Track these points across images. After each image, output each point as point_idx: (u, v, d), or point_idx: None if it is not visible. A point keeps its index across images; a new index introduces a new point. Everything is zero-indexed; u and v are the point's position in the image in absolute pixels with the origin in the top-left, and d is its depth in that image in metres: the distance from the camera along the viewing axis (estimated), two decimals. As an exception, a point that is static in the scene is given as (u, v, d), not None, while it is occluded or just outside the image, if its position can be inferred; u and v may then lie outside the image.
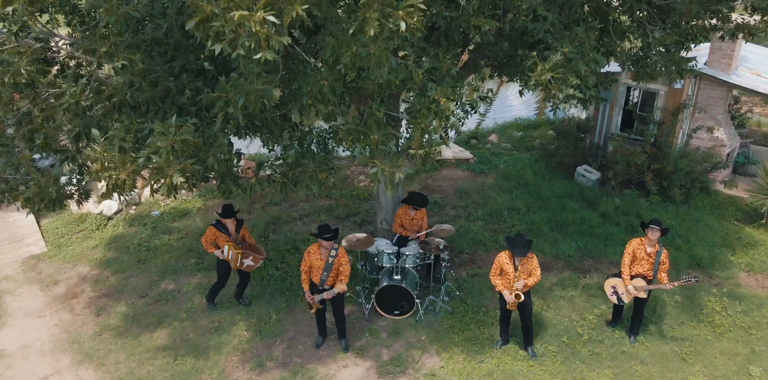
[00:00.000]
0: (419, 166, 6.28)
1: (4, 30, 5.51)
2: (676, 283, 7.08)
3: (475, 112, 6.32)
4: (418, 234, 8.55)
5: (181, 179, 5.10)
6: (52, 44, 5.86)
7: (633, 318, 7.65)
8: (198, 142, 5.52)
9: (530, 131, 14.66)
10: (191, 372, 7.24)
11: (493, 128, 14.57)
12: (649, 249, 7.20)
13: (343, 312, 7.46)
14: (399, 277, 7.91)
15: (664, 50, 7.50)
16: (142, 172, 5.51)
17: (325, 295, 7.04)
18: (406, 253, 8.11)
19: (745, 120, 13.50)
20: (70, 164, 6.84)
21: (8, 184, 7.24)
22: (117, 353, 7.60)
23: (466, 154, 12.95)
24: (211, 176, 6.05)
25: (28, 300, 8.68)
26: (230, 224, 7.90)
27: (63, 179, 6.92)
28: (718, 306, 8.18)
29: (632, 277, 7.31)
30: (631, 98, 12.17)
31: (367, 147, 6.11)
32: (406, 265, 8.06)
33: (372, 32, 4.44)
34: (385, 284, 7.84)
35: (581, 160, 12.25)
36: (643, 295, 7.30)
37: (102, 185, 6.42)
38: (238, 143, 7.32)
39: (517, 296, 6.91)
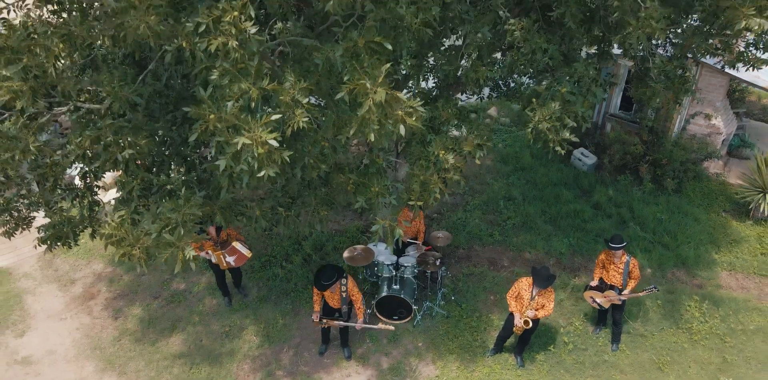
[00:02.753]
0: (417, 215, 6.57)
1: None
2: (641, 293, 7.67)
3: (475, 158, 6.48)
4: (416, 241, 8.95)
5: (193, 253, 5.40)
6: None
7: (613, 325, 8.22)
8: (208, 210, 5.79)
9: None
10: (206, 382, 7.90)
11: (493, 99, 14.49)
12: (616, 260, 7.65)
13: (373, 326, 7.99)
14: (398, 287, 8.38)
15: (663, 76, 7.51)
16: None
17: (357, 326, 7.71)
18: (405, 265, 8.52)
19: (745, 93, 13.45)
20: (80, 202, 7.11)
21: (20, 213, 7.55)
22: (137, 360, 8.20)
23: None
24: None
25: (48, 301, 9.21)
26: (211, 228, 8.17)
27: (74, 211, 7.20)
28: (697, 311, 8.71)
29: (607, 287, 7.82)
30: (631, 78, 12.10)
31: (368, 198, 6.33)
32: (405, 275, 8.50)
33: (372, 137, 4.58)
34: (384, 294, 8.31)
35: (579, 140, 12.36)
36: (617, 302, 7.85)
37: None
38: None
39: (526, 322, 7.38)
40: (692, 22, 7.06)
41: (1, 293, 9.35)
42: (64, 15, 5.26)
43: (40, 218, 7.54)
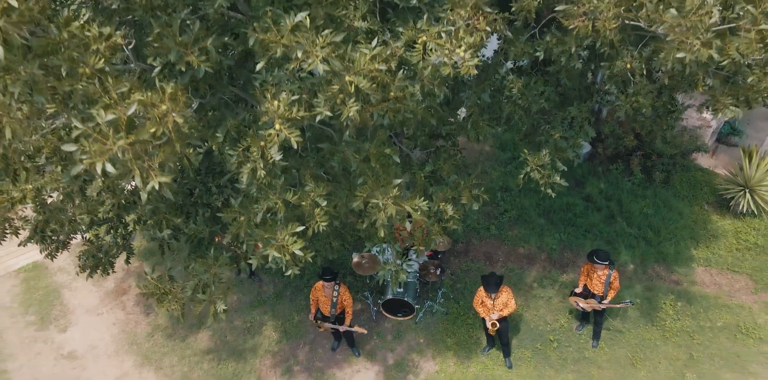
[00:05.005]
0: (420, 255, 7.30)
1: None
2: (618, 305, 8.59)
3: (471, 208, 7.13)
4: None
5: (224, 306, 6.23)
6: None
7: (594, 324, 9.20)
8: (235, 267, 6.55)
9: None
10: (233, 377, 8.96)
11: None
12: (599, 272, 8.48)
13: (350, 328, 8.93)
14: (401, 290, 9.27)
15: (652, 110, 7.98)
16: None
17: (341, 329, 8.51)
18: (408, 271, 9.36)
19: (741, 74, 13.70)
20: (114, 232, 7.84)
21: (59, 237, 8.32)
22: (170, 356, 9.25)
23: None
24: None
25: (84, 296, 10.15)
26: None
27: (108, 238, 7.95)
28: (671, 309, 9.65)
29: (590, 295, 8.71)
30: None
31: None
32: (408, 280, 9.37)
33: (381, 234, 5.25)
34: (389, 297, 9.22)
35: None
36: (599, 308, 8.78)
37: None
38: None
39: (494, 324, 8.33)
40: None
41: (41, 288, 10.28)
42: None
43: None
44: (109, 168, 3.37)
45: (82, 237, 8.10)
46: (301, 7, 4.41)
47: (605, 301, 8.58)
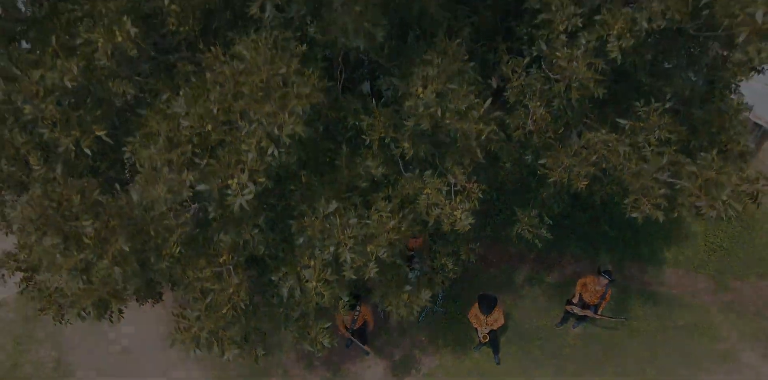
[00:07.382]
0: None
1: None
2: (612, 319, 10.09)
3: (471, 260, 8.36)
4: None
5: (263, 352, 7.65)
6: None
7: (581, 317, 10.66)
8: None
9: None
10: (263, 371, 10.59)
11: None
12: (598, 288, 9.84)
13: (366, 334, 10.40)
14: (406, 295, 10.70)
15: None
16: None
17: (354, 339, 9.99)
18: (412, 279, 10.73)
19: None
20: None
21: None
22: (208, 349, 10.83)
23: (468, 108, 14.21)
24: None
25: (128, 293, 11.58)
26: None
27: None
28: (640, 310, 11.10)
29: (585, 306, 10.12)
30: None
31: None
32: (412, 280, 10.76)
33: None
34: (396, 301, 10.67)
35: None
36: (594, 317, 10.23)
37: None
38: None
39: (485, 337, 9.80)
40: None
41: (90, 285, 11.70)
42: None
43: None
44: (198, 353, 4.61)
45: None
46: (328, 172, 5.41)
47: (600, 312, 9.96)
